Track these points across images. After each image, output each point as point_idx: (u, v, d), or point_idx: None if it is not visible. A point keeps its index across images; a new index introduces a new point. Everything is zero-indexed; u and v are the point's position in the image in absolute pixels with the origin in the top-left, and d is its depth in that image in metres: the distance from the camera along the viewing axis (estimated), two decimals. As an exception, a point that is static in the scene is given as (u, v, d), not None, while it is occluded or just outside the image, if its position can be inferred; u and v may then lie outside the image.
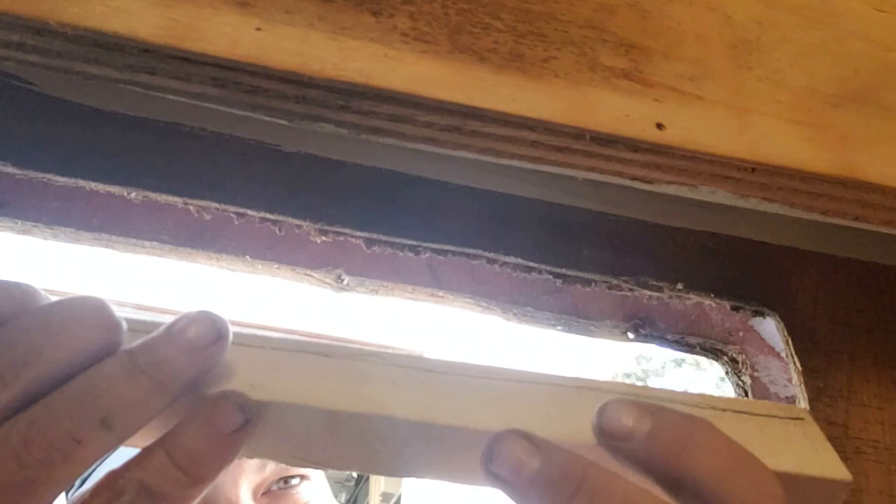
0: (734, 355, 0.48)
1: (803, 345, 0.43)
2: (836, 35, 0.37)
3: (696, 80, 0.34)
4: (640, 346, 0.49)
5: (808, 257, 0.44)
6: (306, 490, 0.69)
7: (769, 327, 0.45)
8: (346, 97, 0.31)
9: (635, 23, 0.35)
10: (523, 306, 0.46)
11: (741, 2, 0.36)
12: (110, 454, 0.28)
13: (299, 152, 0.41)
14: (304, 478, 0.69)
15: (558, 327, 0.47)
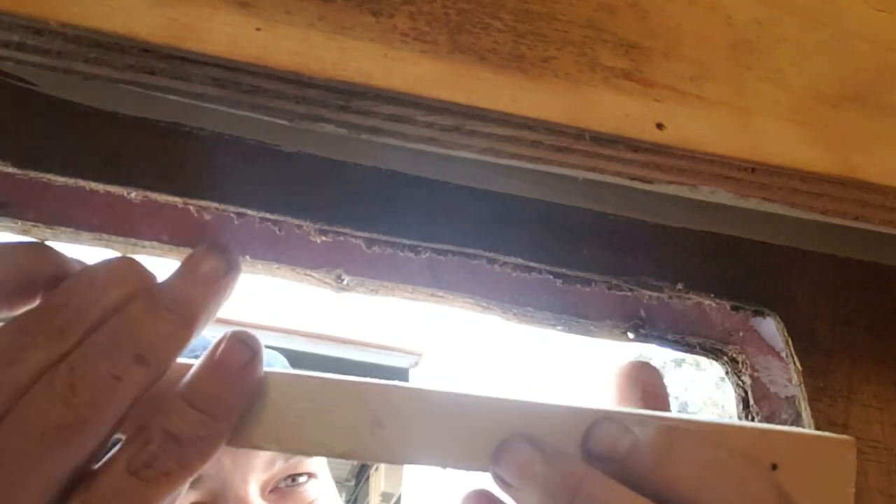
0: (734, 355, 0.48)
1: (803, 345, 0.43)
2: (836, 35, 0.37)
3: (696, 80, 0.34)
4: (640, 346, 0.49)
5: (808, 257, 0.44)
6: (314, 488, 0.69)
7: (769, 327, 0.45)
8: (346, 97, 0.31)
9: (635, 23, 0.35)
10: (523, 306, 0.46)
11: (741, 2, 0.36)
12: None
13: (299, 152, 0.41)
14: (311, 476, 0.69)
15: (558, 327, 0.47)
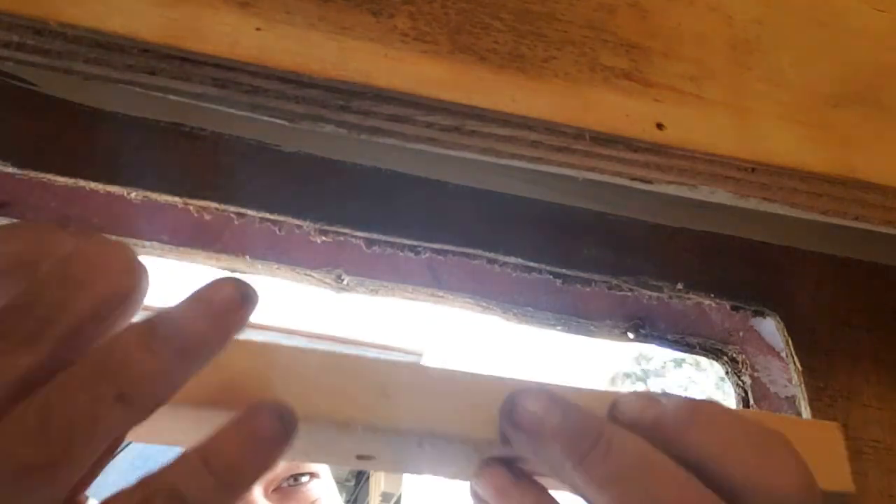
0: (734, 355, 0.48)
1: (803, 345, 0.43)
2: (836, 35, 0.37)
3: (696, 80, 0.34)
4: (640, 346, 0.48)
5: (808, 257, 0.44)
6: (316, 487, 0.69)
7: (769, 327, 0.45)
8: (346, 97, 0.31)
9: (635, 23, 0.35)
10: (523, 306, 0.46)
11: (741, 2, 0.36)
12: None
13: (299, 152, 0.41)
14: (313, 475, 0.70)
15: (558, 327, 0.47)
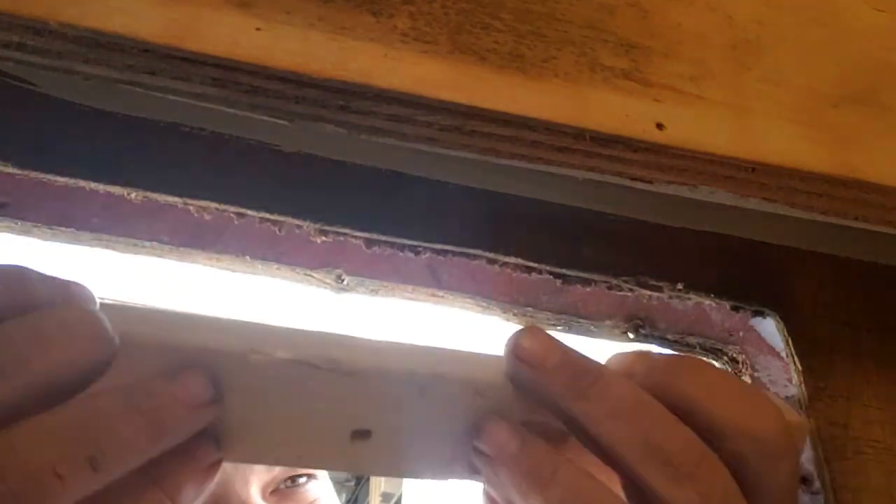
0: (734, 355, 0.48)
1: (803, 345, 0.43)
2: (836, 35, 0.37)
3: (696, 80, 0.34)
4: (640, 346, 0.49)
5: (808, 257, 0.44)
6: (314, 488, 0.70)
7: (769, 327, 0.45)
8: (346, 97, 0.31)
9: (635, 23, 0.35)
10: (523, 306, 0.46)
11: (741, 2, 0.36)
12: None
13: (299, 152, 0.41)
14: (310, 477, 0.70)
15: (558, 327, 0.47)
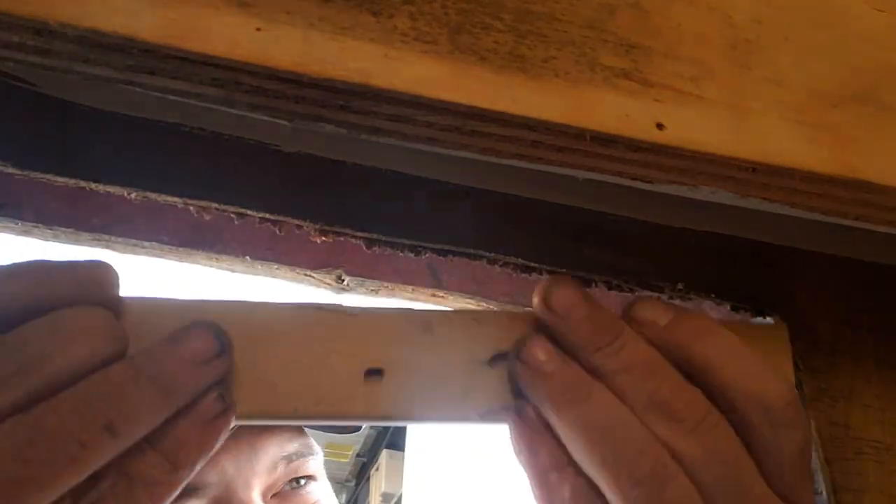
0: (734, 355, 0.48)
1: (804, 345, 0.43)
2: (836, 35, 0.37)
3: (696, 80, 0.34)
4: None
5: (808, 257, 0.44)
6: (315, 490, 0.70)
7: (769, 327, 0.45)
8: (346, 97, 0.31)
9: (635, 23, 0.35)
10: (523, 306, 0.46)
11: (741, 2, 0.36)
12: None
13: (299, 152, 0.41)
14: (311, 478, 0.71)
15: (558, 327, 0.47)
